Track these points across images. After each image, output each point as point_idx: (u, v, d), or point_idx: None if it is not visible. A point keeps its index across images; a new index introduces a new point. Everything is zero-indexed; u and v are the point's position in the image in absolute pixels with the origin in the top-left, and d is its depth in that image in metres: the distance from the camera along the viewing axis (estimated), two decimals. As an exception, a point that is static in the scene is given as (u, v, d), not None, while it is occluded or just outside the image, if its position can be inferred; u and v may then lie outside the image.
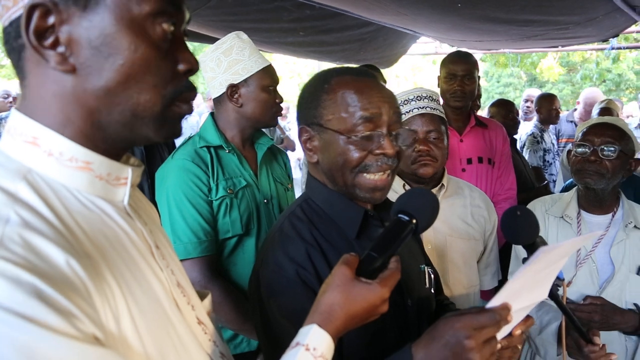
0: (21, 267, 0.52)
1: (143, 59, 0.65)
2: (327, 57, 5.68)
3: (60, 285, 0.54)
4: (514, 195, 2.74)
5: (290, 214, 1.19)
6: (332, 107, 1.12)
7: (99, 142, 0.68)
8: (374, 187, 1.12)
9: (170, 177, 1.75)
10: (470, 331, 0.84)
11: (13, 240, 0.54)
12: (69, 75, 0.64)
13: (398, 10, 3.75)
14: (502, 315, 0.86)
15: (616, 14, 3.76)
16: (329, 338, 0.82)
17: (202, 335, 0.79)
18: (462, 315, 0.87)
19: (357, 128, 1.09)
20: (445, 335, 0.86)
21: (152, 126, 0.69)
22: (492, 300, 0.88)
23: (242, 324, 1.73)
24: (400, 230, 0.94)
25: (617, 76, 15.61)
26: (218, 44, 1.85)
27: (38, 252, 0.55)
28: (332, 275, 0.88)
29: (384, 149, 1.09)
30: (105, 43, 0.63)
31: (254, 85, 1.83)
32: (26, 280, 0.51)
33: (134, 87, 0.65)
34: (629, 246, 1.83)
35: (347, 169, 1.11)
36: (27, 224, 0.56)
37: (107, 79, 0.64)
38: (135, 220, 0.73)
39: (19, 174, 0.61)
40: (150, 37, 0.66)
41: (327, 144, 1.13)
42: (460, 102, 2.65)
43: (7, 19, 0.64)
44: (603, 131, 1.83)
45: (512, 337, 0.99)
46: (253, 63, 1.83)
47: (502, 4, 3.41)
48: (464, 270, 1.83)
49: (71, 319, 0.53)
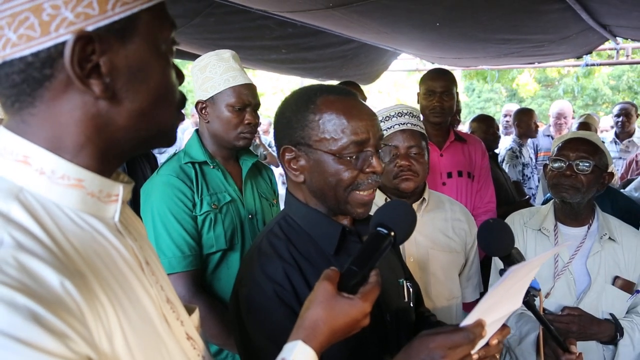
0: (16, 290, 0.52)
1: (168, 79, 0.72)
2: (309, 74, 5.74)
3: (55, 307, 0.54)
4: (494, 208, 2.79)
5: (268, 232, 1.20)
6: (320, 128, 1.12)
7: (111, 157, 0.70)
8: (364, 203, 1.15)
9: (155, 192, 1.76)
10: (444, 351, 0.86)
11: (7, 263, 0.54)
12: (104, 101, 0.66)
13: (378, 29, 3.83)
14: (476, 332, 0.88)
15: (588, 32, 3.89)
16: (313, 353, 0.84)
17: (192, 351, 0.79)
18: (436, 334, 0.89)
19: (347, 150, 1.11)
20: (420, 354, 0.87)
21: (168, 137, 0.76)
22: (467, 318, 0.90)
23: (226, 339, 1.73)
24: (380, 243, 0.96)
25: (594, 91, 15.99)
26: (197, 61, 1.88)
27: (32, 274, 0.55)
28: (314, 291, 0.89)
29: (374, 167, 1.13)
30: (140, 69, 0.68)
31: (219, 103, 1.84)
32: (22, 304, 0.52)
33: (161, 106, 0.72)
34: (604, 257, 1.88)
35: (341, 188, 1.13)
36: (21, 245, 0.57)
37: (141, 101, 0.69)
38: (125, 237, 0.73)
39: (11, 194, 0.61)
40: (169, 59, 0.72)
41: (316, 164, 1.14)
42: (439, 117, 2.71)
43: (27, 49, 0.61)
44: (577, 146, 1.89)
45: (489, 347, 1.00)
46: (222, 81, 1.83)
47: (479, 23, 3.50)
48: (445, 283, 1.86)
49: (66, 341, 0.53)
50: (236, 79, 1.84)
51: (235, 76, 1.85)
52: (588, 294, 1.85)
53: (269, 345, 1.04)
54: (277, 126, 1.21)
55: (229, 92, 1.83)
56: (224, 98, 1.83)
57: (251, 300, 1.10)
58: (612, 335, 1.80)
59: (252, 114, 1.88)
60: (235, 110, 1.84)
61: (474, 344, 0.90)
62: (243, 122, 1.86)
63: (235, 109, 1.84)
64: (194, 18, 3.35)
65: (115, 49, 0.65)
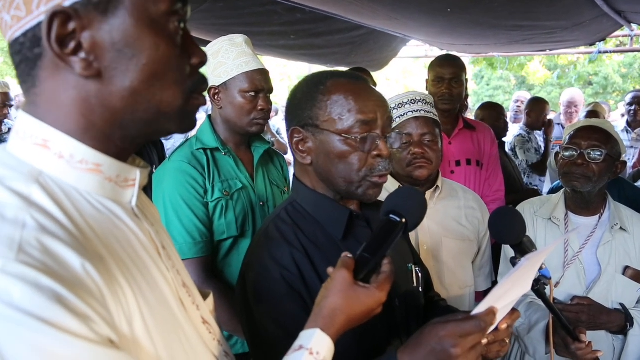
0: (41, 271, 0.53)
1: (164, 56, 0.66)
2: (317, 60, 5.71)
3: (78, 289, 0.55)
4: (502, 196, 2.78)
5: (275, 217, 1.21)
6: (328, 109, 1.13)
7: (117, 141, 0.69)
8: (375, 185, 1.16)
9: (167, 178, 1.77)
10: (455, 339, 0.86)
11: (31, 245, 0.55)
12: (92, 80, 0.64)
13: (389, 15, 3.79)
14: (488, 321, 0.88)
15: (603, 19, 3.83)
16: (330, 342, 0.86)
17: (207, 335, 0.80)
18: (447, 322, 0.89)
19: (353, 130, 1.11)
20: (431, 342, 0.87)
21: (175, 120, 0.71)
22: (479, 307, 0.90)
23: (237, 325, 1.74)
24: (392, 230, 0.97)
25: (604, 79, 15.81)
26: (209, 46, 1.87)
27: (55, 256, 0.56)
28: (332, 279, 0.91)
29: (380, 150, 1.13)
30: (128, 44, 0.64)
31: (232, 89, 1.83)
32: (46, 285, 0.52)
33: (157, 85, 0.67)
34: (615, 247, 1.87)
35: (353, 172, 1.13)
36: (43, 228, 0.57)
37: (132, 80, 0.65)
38: (142, 221, 0.74)
39: (31, 177, 0.62)
40: (168, 35, 0.67)
41: (322, 145, 1.14)
42: (448, 104, 2.69)
43: (18, 30, 0.62)
44: (590, 134, 1.87)
45: (499, 331, 1.01)
46: (235, 67, 1.82)
47: (491, 9, 3.46)
48: (458, 271, 1.86)
49: (88, 323, 0.54)
50: (249, 64, 1.83)
51: (249, 61, 1.83)
52: (598, 283, 1.84)
53: (275, 328, 1.05)
54: (288, 108, 1.22)
55: (242, 77, 1.82)
56: (237, 84, 1.82)
57: (258, 285, 1.10)
58: (622, 325, 1.80)
59: (265, 100, 1.86)
60: (249, 96, 1.83)
61: (485, 333, 0.90)
62: (256, 108, 1.85)
63: (249, 95, 1.82)
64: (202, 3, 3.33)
65: (96, 25, 0.62)
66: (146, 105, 0.67)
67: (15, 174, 0.61)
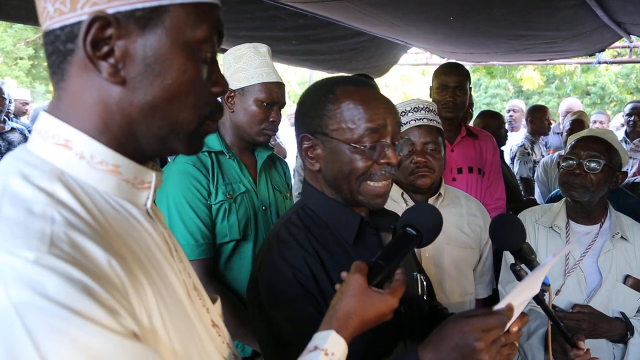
0: (72, 264, 0.55)
1: (189, 80, 0.69)
2: (319, 66, 5.72)
3: (104, 283, 0.57)
4: (503, 205, 2.79)
5: (286, 220, 1.21)
6: (337, 117, 1.14)
7: (130, 149, 0.70)
8: (377, 194, 1.16)
9: (171, 180, 1.77)
10: (479, 333, 0.89)
11: (61, 239, 0.56)
12: (116, 86, 0.66)
13: (391, 22, 3.81)
14: (508, 315, 0.92)
15: (603, 29, 3.86)
16: (344, 343, 0.88)
17: (217, 338, 0.81)
18: (470, 317, 0.92)
19: (363, 139, 1.12)
20: (454, 337, 0.90)
21: (184, 141, 0.73)
22: (500, 303, 0.93)
23: (236, 328, 1.74)
24: (407, 243, 1.01)
25: (601, 89, 15.86)
26: (233, 49, 1.88)
27: (83, 251, 0.57)
28: (347, 283, 0.92)
29: (389, 158, 1.13)
30: (157, 62, 0.66)
31: (248, 96, 1.84)
32: (77, 277, 0.54)
33: (176, 105, 0.69)
34: (615, 256, 1.88)
35: (353, 177, 1.14)
36: (70, 223, 0.59)
37: (154, 95, 0.67)
38: (157, 222, 0.75)
39: (54, 175, 0.63)
40: (197, 61, 0.69)
41: (332, 153, 1.15)
42: (452, 112, 2.70)
43: (58, 22, 0.65)
44: (589, 145, 1.88)
45: (510, 334, 1.02)
46: (256, 75, 1.84)
47: (493, 18, 3.48)
48: (459, 279, 1.86)
49: (116, 316, 0.56)
50: (270, 75, 1.86)
51: (270, 72, 1.86)
52: (599, 292, 1.85)
53: (290, 328, 1.06)
54: (297, 115, 1.23)
55: (261, 87, 1.84)
56: (255, 92, 1.84)
57: (272, 286, 1.11)
58: (623, 334, 1.81)
59: (277, 112, 1.89)
60: (263, 106, 1.84)
61: (504, 327, 0.93)
62: (268, 119, 1.87)
63: (264, 105, 1.84)
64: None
65: (133, 37, 0.65)
66: (161, 122, 0.69)
67: (38, 172, 0.63)
